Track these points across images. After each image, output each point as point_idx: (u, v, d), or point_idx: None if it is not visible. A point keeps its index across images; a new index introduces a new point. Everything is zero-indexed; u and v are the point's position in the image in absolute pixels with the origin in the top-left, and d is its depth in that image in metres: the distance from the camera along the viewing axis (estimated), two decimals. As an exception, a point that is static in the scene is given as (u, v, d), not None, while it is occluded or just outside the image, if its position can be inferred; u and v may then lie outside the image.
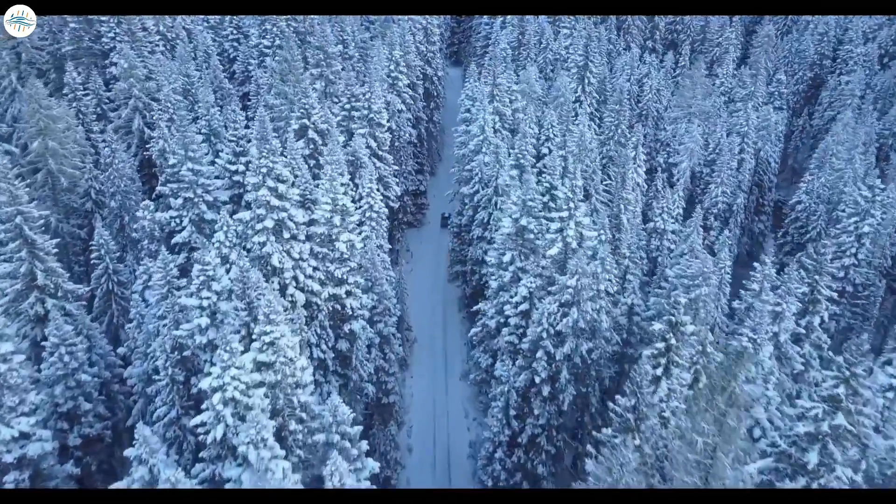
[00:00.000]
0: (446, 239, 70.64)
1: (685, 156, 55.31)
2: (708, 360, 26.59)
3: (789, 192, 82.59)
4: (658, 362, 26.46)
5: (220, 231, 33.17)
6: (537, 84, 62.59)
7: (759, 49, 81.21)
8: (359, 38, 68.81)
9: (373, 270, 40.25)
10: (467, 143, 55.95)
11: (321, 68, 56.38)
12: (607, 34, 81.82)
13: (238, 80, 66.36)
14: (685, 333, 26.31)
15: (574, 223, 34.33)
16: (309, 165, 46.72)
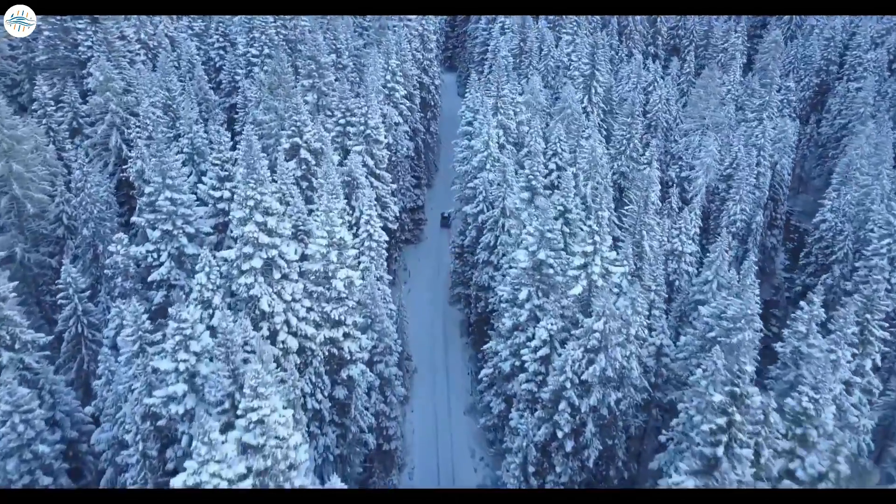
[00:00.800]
0: (446, 248, 66.42)
1: (701, 171, 51.43)
2: (770, 430, 22.59)
3: (795, 202, 79.24)
4: (717, 440, 22.41)
5: (202, 273, 28.80)
6: (542, 94, 58.47)
7: (766, 55, 77.51)
8: (352, 46, 64.47)
9: (372, 306, 36.02)
10: (470, 159, 51.77)
11: (313, 79, 51.99)
12: (609, 40, 77.92)
13: (224, 91, 61.81)
14: (751, 406, 22.27)
15: (600, 258, 30.29)
16: (301, 188, 42.43)
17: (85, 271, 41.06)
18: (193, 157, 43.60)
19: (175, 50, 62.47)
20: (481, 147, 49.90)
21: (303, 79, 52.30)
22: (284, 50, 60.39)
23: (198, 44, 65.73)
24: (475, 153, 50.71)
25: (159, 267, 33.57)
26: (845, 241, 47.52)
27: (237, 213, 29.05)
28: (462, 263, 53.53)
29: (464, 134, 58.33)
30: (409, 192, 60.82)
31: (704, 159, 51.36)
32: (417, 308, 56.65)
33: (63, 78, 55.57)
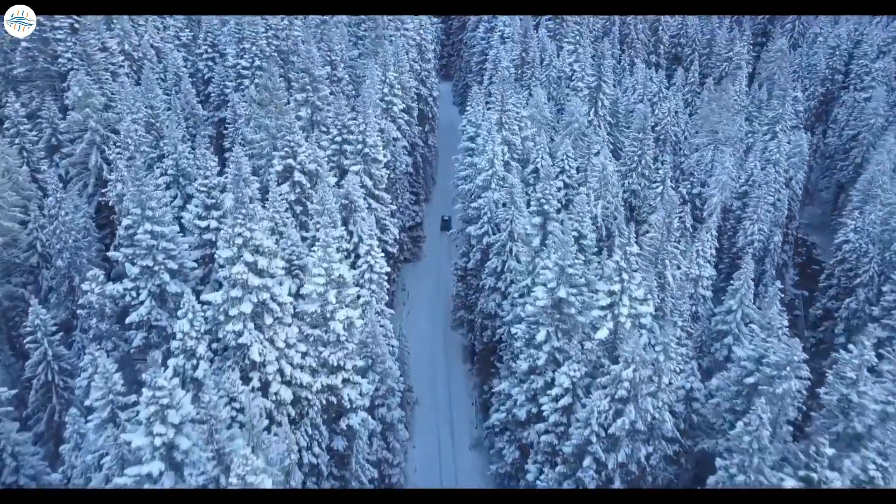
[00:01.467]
0: (445, 257, 63.19)
1: (716, 189, 48.38)
2: None
3: (802, 214, 76.45)
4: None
5: (185, 319, 25.32)
6: (546, 108, 55.32)
7: (771, 64, 74.76)
8: (347, 56, 61.07)
9: (373, 346, 32.61)
10: (473, 178, 48.47)
11: (307, 93, 48.54)
12: (611, 49, 74.92)
13: (213, 105, 58.25)
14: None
15: (627, 298, 27.06)
16: (295, 212, 39.00)
17: (60, 305, 37.50)
18: (178, 178, 40.10)
19: (161, 62, 58.91)
20: (485, 165, 46.63)
21: (296, 92, 48.89)
22: (276, 62, 56.99)
23: (185, 55, 62.17)
24: (479, 171, 47.43)
25: (139, 307, 30.04)
26: (870, 264, 44.54)
27: (224, 253, 25.60)
28: (465, 287, 50.18)
29: (465, 150, 55.04)
30: (407, 209, 57.48)
31: (720, 176, 48.32)
32: (417, 332, 53.30)
33: (42, 91, 51.96)
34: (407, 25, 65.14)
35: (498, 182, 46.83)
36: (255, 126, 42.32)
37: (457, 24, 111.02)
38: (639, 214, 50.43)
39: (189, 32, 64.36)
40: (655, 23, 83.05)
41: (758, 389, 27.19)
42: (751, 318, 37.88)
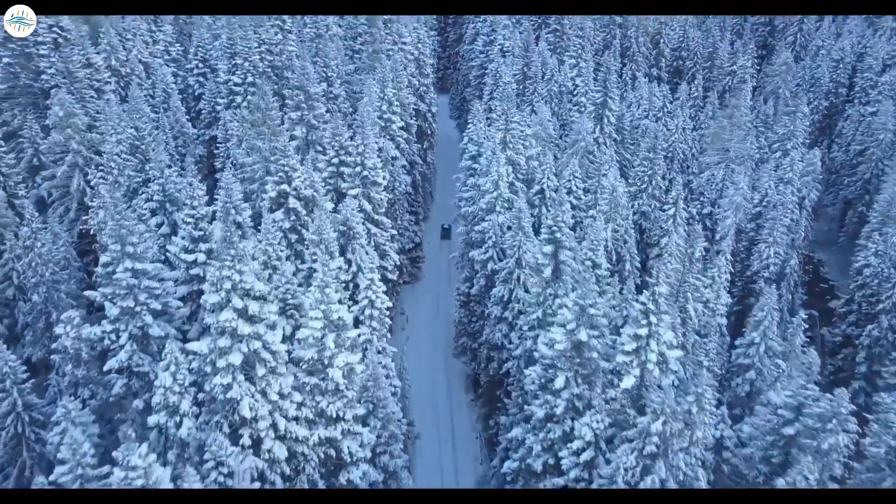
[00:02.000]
0: (445, 276, 60.60)
1: (730, 210, 45.94)
2: None
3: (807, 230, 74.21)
4: None
5: (167, 372, 22.52)
6: (551, 125, 52.84)
7: (776, 78, 72.74)
8: (343, 71, 58.48)
9: (375, 389, 29.81)
10: (477, 200, 45.83)
11: (302, 111, 45.91)
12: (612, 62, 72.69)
13: (204, 122, 55.55)
14: None
15: (656, 343, 24.45)
16: (290, 241, 36.23)
17: (36, 343, 34.56)
18: (165, 204, 37.29)
19: (150, 77, 56.21)
20: (490, 187, 44.02)
21: (290, 111, 46.24)
22: (270, 78, 54.40)
23: (175, 70, 59.50)
24: (483, 193, 44.80)
25: (118, 351, 27.18)
26: (894, 289, 42.11)
27: (210, 298, 22.81)
28: (468, 313, 47.47)
29: (467, 169, 52.45)
30: (406, 231, 54.78)
31: (734, 197, 45.89)
32: (417, 358, 50.36)
33: (24, 109, 49.06)
34: (405, 39, 62.69)
35: (503, 204, 44.25)
36: (246, 148, 39.59)
37: (453, 37, 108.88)
38: (649, 237, 47.93)
39: (179, 47, 61.74)
40: (657, 35, 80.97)
41: (799, 443, 24.58)
42: (774, 350, 35.42)
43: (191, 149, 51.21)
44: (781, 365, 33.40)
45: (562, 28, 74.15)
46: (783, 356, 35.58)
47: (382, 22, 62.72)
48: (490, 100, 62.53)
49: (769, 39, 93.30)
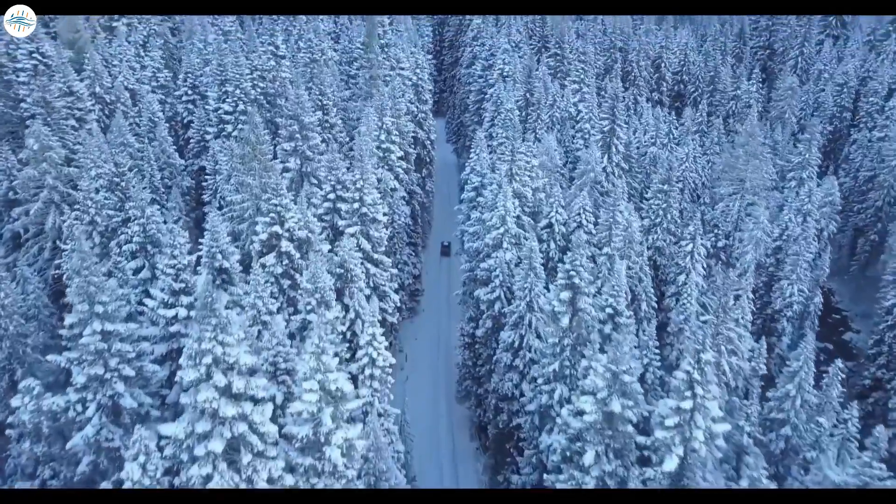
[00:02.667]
0: (446, 324, 57.15)
1: (750, 245, 42.85)
2: None
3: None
4: None
5: (135, 462, 18.85)
6: (557, 154, 49.77)
7: (781, 103, 70.22)
8: (339, 98, 55.34)
9: (377, 460, 26.15)
10: (482, 235, 42.50)
11: (296, 142, 42.67)
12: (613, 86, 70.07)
13: (193, 151, 52.13)
14: None
15: (702, 418, 21.04)
16: (282, 287, 32.66)
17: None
18: (146, 246, 33.70)
19: (136, 105, 52.85)
20: (496, 222, 40.71)
21: (284, 141, 42.99)
22: (262, 105, 51.19)
23: (163, 97, 56.17)
24: (489, 228, 41.47)
25: (85, 425, 23.46)
26: (928, 331, 38.95)
27: (188, 374, 19.21)
28: (472, 355, 43.98)
29: (469, 201, 49.23)
30: (406, 265, 51.31)
31: (753, 232, 42.79)
32: (418, 402, 46.58)
33: (1, 139, 45.53)
34: (403, 64, 59.73)
35: (510, 240, 40.94)
36: (236, 184, 36.14)
37: (449, 60, 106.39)
38: (664, 274, 44.70)
39: (168, 73, 58.45)
40: (658, 59, 78.52)
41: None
42: (810, 403, 32.04)
43: (178, 180, 47.79)
44: (823, 423, 30.01)
45: (562, 52, 71.46)
46: (818, 409, 32.30)
47: (379, 47, 59.80)
48: (491, 127, 59.55)
49: (769, 63, 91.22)
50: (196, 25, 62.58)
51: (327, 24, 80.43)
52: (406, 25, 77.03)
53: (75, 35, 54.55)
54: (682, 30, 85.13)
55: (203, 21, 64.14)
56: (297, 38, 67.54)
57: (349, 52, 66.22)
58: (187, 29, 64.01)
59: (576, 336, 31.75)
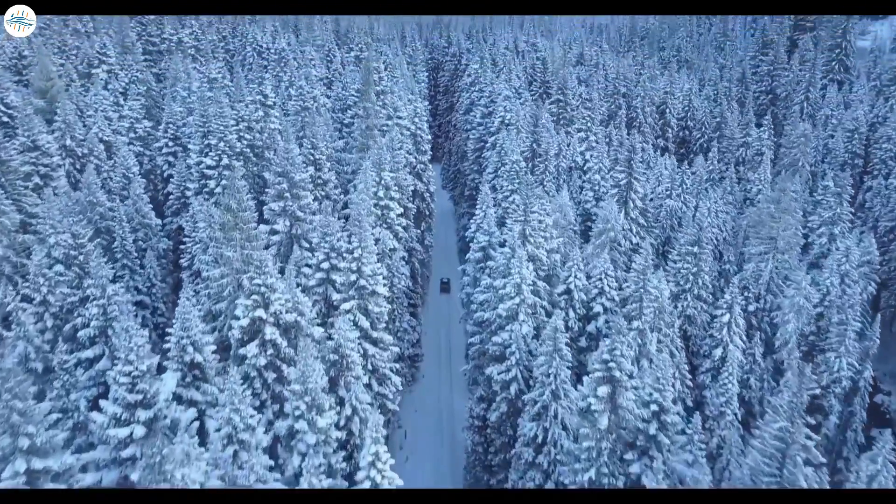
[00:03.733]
0: (447, 391, 51.76)
1: (791, 313, 38.01)
2: None
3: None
4: None
5: None
6: (571, 210, 45.15)
7: (794, 150, 66.41)
8: (332, 149, 50.68)
9: None
10: (494, 304, 37.40)
11: (285, 201, 37.78)
12: (618, 134, 66.27)
13: (172, 209, 47.06)
14: None
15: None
16: (265, 380, 27.19)
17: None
18: (106, 331, 28.31)
19: (111, 158, 47.93)
20: (511, 291, 35.63)
21: (272, 201, 38.08)
22: (249, 159, 46.38)
23: (141, 149, 51.33)
24: (502, 297, 36.37)
25: None
26: None
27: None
28: (483, 441, 38.37)
29: (475, 262, 44.32)
30: (407, 333, 45.96)
31: (795, 298, 37.96)
32: (420, 487, 41.00)
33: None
34: (401, 113, 55.39)
35: (527, 311, 35.86)
36: (214, 256, 30.93)
37: (444, 105, 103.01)
38: (696, 346, 39.67)
39: (148, 123, 53.71)
40: (662, 105, 75.03)
41: None
42: None
43: (153, 242, 42.54)
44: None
45: (565, 98, 67.70)
46: None
47: (375, 94, 55.51)
48: (494, 178, 55.08)
49: (771, 108, 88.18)
50: (181, 73, 58.14)
51: (320, 70, 76.59)
52: (402, 71, 73.24)
53: (47, 83, 49.86)
54: (680, 74, 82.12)
55: (188, 67, 59.72)
56: (288, 84, 63.34)
57: (343, 99, 62.03)
58: (171, 76, 59.60)
59: (615, 437, 26.48)
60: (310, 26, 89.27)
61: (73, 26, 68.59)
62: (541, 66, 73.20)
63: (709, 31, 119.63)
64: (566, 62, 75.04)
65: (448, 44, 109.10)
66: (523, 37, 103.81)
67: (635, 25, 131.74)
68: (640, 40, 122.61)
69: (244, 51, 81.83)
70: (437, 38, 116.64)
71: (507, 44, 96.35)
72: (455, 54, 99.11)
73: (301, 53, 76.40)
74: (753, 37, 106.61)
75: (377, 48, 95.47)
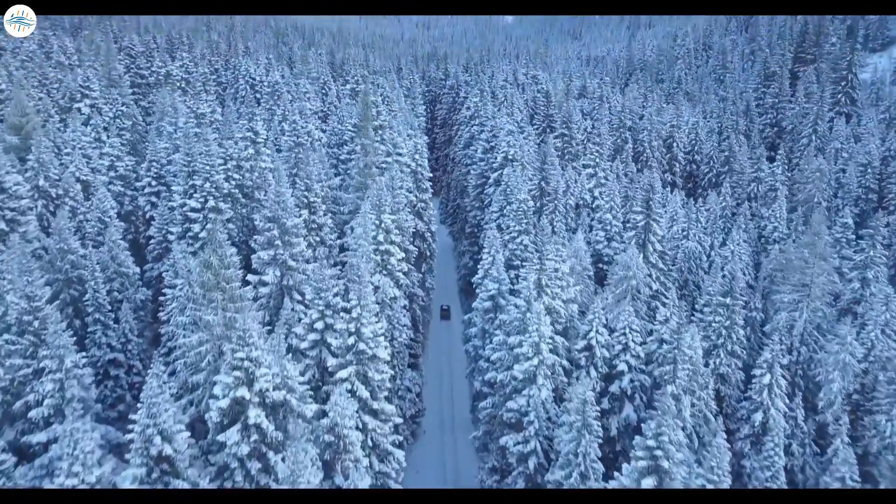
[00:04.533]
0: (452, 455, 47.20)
1: (835, 370, 34.06)
2: None
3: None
4: None
5: None
6: (588, 255, 41.37)
7: (809, 185, 63.31)
8: (327, 187, 46.90)
9: None
10: (508, 364, 33.28)
11: (275, 249, 33.77)
12: (626, 169, 62.99)
13: (153, 254, 42.96)
14: None
15: None
16: (248, 471, 22.81)
17: None
18: (62, 408, 24.00)
19: (89, 198, 43.94)
20: (528, 351, 31.52)
21: (261, 249, 34.07)
22: (237, 200, 42.50)
23: (122, 188, 47.40)
24: (517, 357, 32.23)
25: None
26: None
27: None
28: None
29: (484, 313, 40.32)
30: (409, 392, 41.59)
31: (839, 354, 34.03)
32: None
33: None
34: (400, 150, 51.83)
35: (545, 373, 31.74)
36: (191, 319, 26.75)
37: (442, 138, 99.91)
38: (730, 408, 35.56)
39: (131, 160, 49.87)
40: (669, 139, 72.00)
41: None
42: None
43: (130, 293, 38.32)
44: None
45: (570, 132, 64.52)
46: None
47: (374, 130, 51.95)
48: (500, 217, 51.30)
49: (777, 141, 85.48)
50: (168, 106, 54.49)
51: (315, 103, 73.32)
52: (400, 105, 70.04)
53: (22, 119, 46.05)
54: (685, 107, 79.44)
55: (175, 101, 56.09)
56: (282, 118, 59.85)
57: (339, 134, 58.53)
58: (159, 110, 55.93)
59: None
60: (304, 59, 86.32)
61: (56, 59, 65.10)
62: (543, 98, 70.12)
63: (706, 63, 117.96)
64: (569, 94, 72.09)
65: (445, 76, 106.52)
66: (522, 69, 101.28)
67: (632, 57, 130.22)
68: (638, 72, 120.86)
69: (237, 83, 78.61)
70: (434, 70, 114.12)
71: (505, 76, 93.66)
72: (453, 86, 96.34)
73: (295, 86, 73.15)
74: (753, 68, 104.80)
75: (373, 80, 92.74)
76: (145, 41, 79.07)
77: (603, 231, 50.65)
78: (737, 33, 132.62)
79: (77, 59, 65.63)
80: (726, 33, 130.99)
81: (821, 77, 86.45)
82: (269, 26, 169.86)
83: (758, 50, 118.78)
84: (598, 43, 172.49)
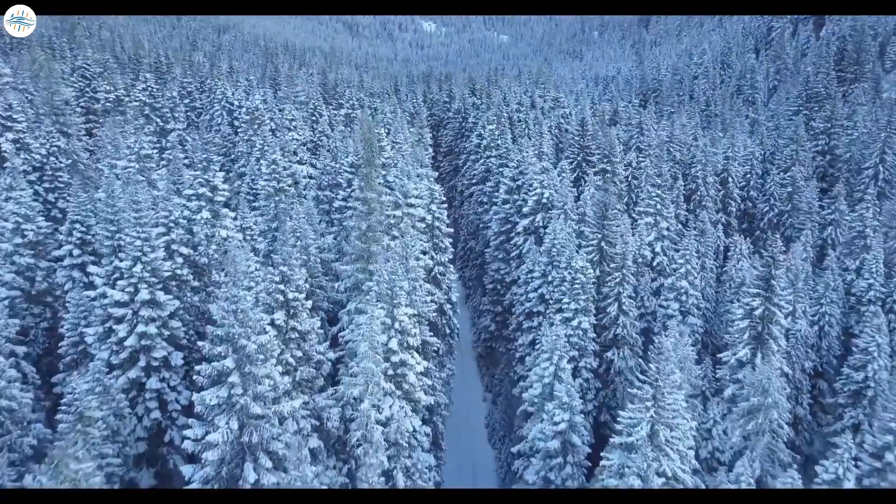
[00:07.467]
0: None
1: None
2: None
3: None
4: None
5: None
6: (695, 365, 27.85)
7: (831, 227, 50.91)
8: (317, 248, 33.26)
9: None
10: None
11: (229, 389, 20.21)
12: (675, 209, 49.88)
13: (64, 362, 28.82)
14: None
15: None
16: None
17: None
18: None
19: None
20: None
21: (207, 384, 20.20)
22: (185, 283, 28.57)
23: (32, 261, 33.25)
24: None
25: None
26: None
27: None
28: None
29: (547, 457, 26.55)
30: None
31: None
32: None
33: None
34: (412, 201, 38.12)
35: None
36: None
37: (448, 168, 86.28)
38: None
39: (44, 222, 35.82)
40: (723, 173, 58.94)
41: None
42: None
43: (12, 437, 24.23)
44: None
45: (612, 167, 51.37)
46: None
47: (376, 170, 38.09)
48: (542, 285, 37.77)
49: (829, 170, 72.74)
50: (107, 144, 40.44)
51: (303, 132, 59.68)
52: (405, 135, 56.59)
53: None
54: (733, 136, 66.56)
55: (117, 137, 41.92)
56: (260, 155, 46.15)
57: (332, 173, 44.73)
58: (101, 148, 41.91)
59: None
60: (291, 80, 72.66)
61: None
62: (577, 126, 56.81)
63: (729, 83, 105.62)
64: (603, 121, 59.01)
65: (450, 98, 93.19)
66: (537, 90, 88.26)
67: (646, 76, 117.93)
68: (651, 93, 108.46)
69: (212, 109, 64.88)
70: (437, 91, 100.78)
71: (518, 98, 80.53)
72: (459, 110, 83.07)
73: (280, 112, 59.55)
74: (783, 88, 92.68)
75: (370, 104, 79.28)
76: (103, 60, 65.19)
77: (677, 301, 37.55)
78: (754, 50, 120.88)
79: (7, 82, 51.72)
80: (743, 51, 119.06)
81: (880, 97, 74.06)
82: (258, 46, 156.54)
83: (783, 69, 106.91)
84: (601, 63, 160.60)
